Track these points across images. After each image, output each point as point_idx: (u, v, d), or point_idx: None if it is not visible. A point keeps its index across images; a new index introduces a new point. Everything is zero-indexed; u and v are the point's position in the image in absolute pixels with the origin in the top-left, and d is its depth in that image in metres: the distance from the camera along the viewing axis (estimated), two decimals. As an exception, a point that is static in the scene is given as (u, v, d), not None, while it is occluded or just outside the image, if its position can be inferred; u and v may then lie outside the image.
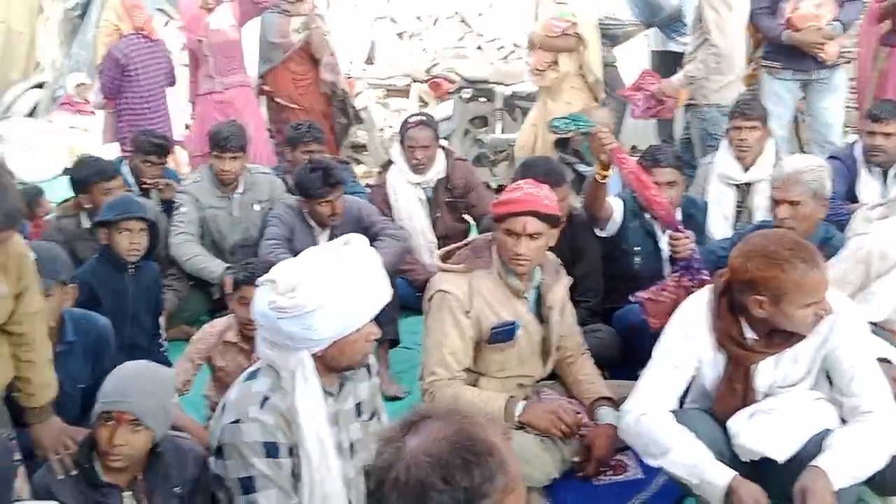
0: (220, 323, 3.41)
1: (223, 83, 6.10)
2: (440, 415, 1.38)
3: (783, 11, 5.19)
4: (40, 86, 9.20)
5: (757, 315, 2.47)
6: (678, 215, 3.85)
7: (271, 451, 2.22)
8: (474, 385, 3.10)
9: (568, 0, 5.78)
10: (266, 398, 2.25)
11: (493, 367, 3.08)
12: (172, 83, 6.29)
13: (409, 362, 4.12)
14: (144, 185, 4.88)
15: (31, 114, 8.80)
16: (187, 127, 6.44)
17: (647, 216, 3.87)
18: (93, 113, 7.90)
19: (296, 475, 2.27)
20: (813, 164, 3.45)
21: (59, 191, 6.38)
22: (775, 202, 3.43)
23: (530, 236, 2.89)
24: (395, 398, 3.83)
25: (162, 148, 5.05)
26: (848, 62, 5.54)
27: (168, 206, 4.79)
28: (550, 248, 3.16)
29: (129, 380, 2.36)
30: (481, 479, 1.30)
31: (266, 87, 6.35)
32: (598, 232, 3.91)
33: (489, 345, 3.01)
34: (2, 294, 2.45)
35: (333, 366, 2.30)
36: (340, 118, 6.50)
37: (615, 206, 3.86)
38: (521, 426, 2.96)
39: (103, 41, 6.30)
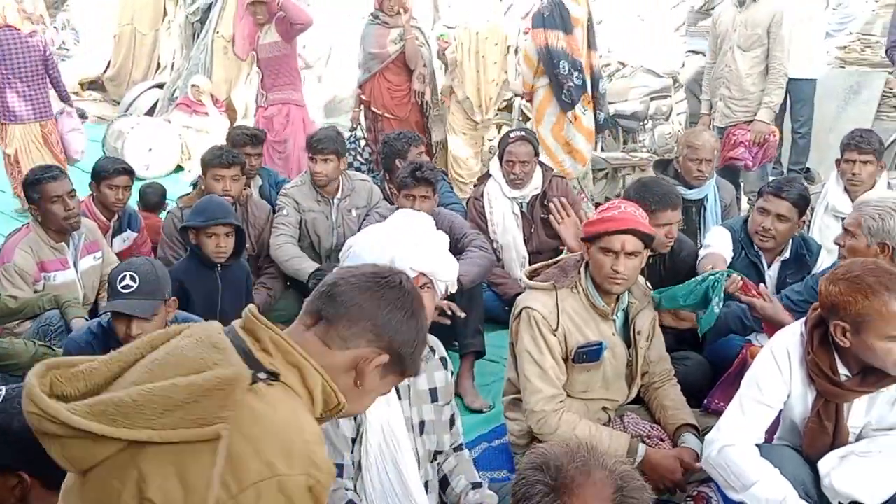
0: None
1: (268, 98, 6.38)
2: (590, 466, 1.36)
3: None
4: (160, 86, 9.64)
5: (841, 344, 2.39)
6: (786, 253, 3.77)
7: None
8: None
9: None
10: None
11: (577, 387, 3.05)
12: (50, 73, 6.59)
13: (493, 375, 4.13)
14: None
15: (150, 112, 9.23)
16: None
17: (755, 248, 3.79)
18: (207, 114, 8.26)
19: (358, 441, 2.36)
20: (888, 203, 3.22)
21: (172, 187, 6.69)
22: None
23: (628, 255, 2.86)
24: (479, 411, 3.85)
25: (257, 138, 5.27)
26: None
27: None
28: (647, 271, 3.14)
29: None
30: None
31: (363, 97, 6.53)
32: None
33: (575, 364, 2.99)
34: None
35: None
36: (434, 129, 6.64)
37: (725, 242, 3.77)
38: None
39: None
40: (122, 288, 2.90)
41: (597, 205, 6.60)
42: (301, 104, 6.55)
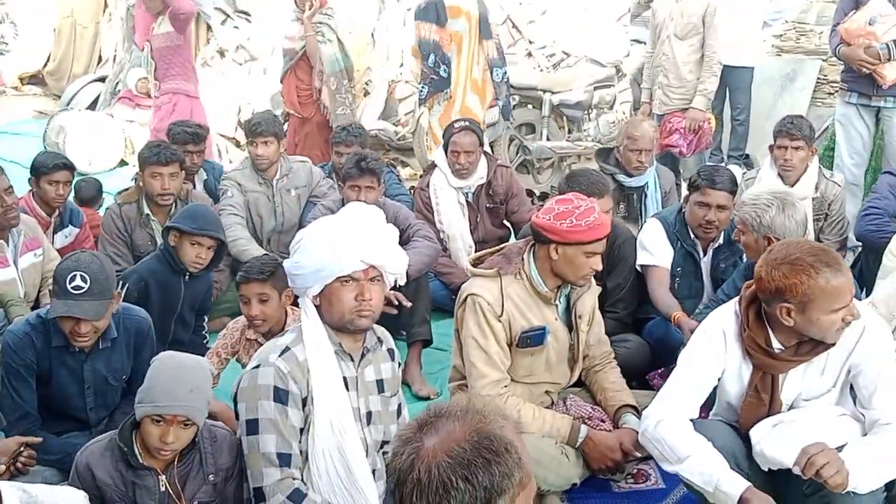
0: (244, 319, 3.49)
1: (160, 88, 6.39)
2: (456, 414, 1.41)
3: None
4: (102, 79, 9.46)
5: (785, 323, 2.48)
6: (720, 239, 3.88)
7: (281, 396, 2.37)
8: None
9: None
10: (287, 348, 2.43)
11: (521, 371, 3.12)
12: None
13: (441, 363, 4.18)
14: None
15: (92, 106, 9.06)
16: None
17: (691, 238, 3.90)
18: (150, 107, 8.14)
19: (306, 431, 2.40)
20: (762, 199, 3.36)
21: (116, 182, 6.62)
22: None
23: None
24: (426, 398, 3.90)
25: (198, 135, 5.23)
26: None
27: None
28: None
29: (177, 381, 2.41)
30: (501, 476, 1.34)
31: (282, 94, 6.59)
32: None
33: (519, 349, 3.06)
34: None
35: (333, 323, 2.44)
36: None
37: (663, 246, 3.89)
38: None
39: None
40: (73, 289, 2.85)
41: (544, 195, 6.72)
42: (193, 95, 6.44)
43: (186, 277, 3.80)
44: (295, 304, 3.42)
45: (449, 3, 6.05)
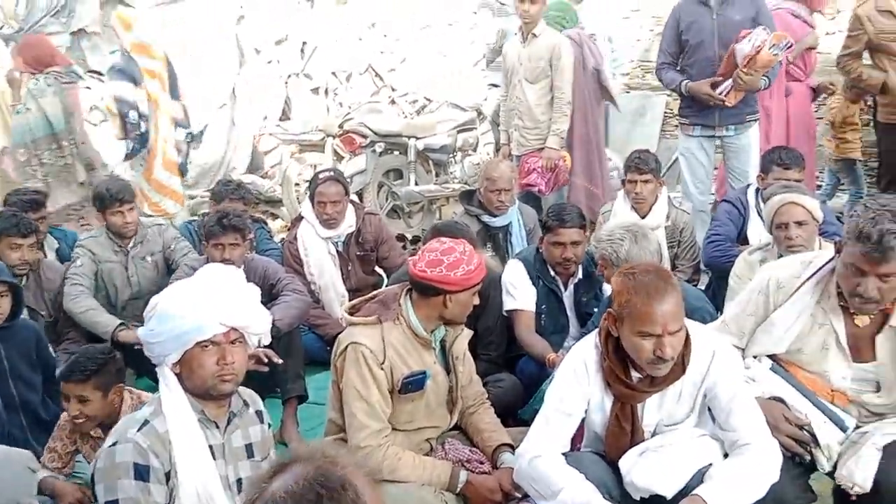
0: None
1: None
2: (304, 457, 1.46)
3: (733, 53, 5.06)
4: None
5: (612, 332, 2.62)
6: (580, 273, 4.04)
7: (142, 473, 2.27)
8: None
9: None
10: (146, 422, 2.34)
11: (402, 418, 3.10)
12: None
13: (318, 419, 4.10)
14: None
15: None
16: None
17: (551, 275, 4.03)
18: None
19: None
20: (615, 234, 3.52)
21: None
22: None
23: None
24: (305, 455, 3.83)
25: (36, 202, 5.01)
26: (757, 121, 5.45)
27: None
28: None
29: None
30: None
31: None
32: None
33: (401, 395, 3.04)
34: None
35: (194, 390, 2.38)
36: None
37: (526, 289, 4.01)
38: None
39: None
40: None
41: (416, 239, 6.79)
42: None
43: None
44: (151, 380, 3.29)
45: (142, 65, 6.42)
